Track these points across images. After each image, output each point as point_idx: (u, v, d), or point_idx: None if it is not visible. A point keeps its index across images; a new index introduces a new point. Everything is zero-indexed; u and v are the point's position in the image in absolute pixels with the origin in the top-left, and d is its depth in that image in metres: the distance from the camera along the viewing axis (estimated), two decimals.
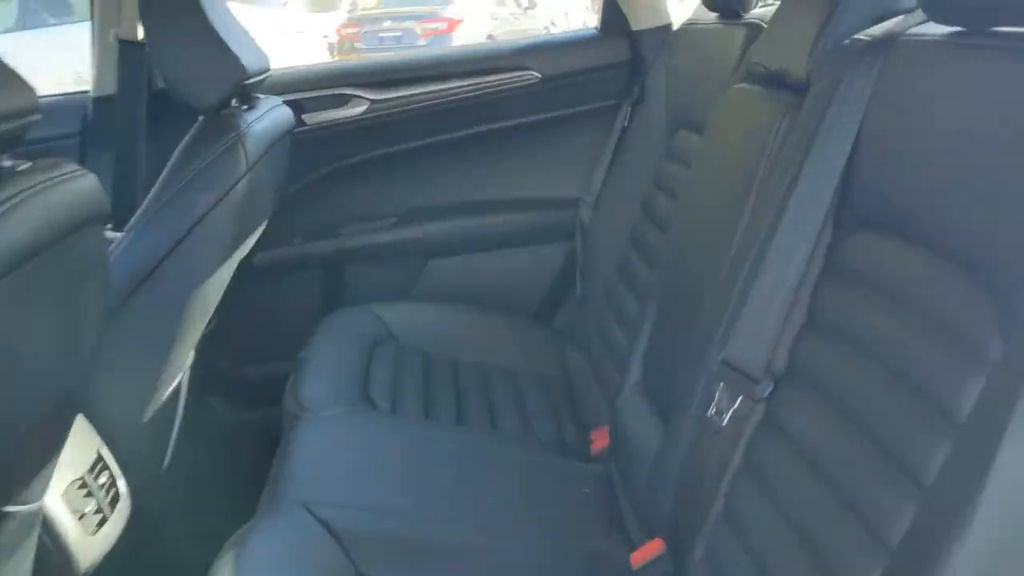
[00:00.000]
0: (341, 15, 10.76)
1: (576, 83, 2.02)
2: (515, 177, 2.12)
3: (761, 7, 1.58)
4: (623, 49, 2.01)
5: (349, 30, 10.03)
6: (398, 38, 9.67)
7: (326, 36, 9.49)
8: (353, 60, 2.43)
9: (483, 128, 2.04)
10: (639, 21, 1.98)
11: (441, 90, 1.99)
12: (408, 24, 9.82)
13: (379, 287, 2.06)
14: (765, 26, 1.43)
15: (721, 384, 1.06)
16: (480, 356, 1.84)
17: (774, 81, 1.24)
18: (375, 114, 1.99)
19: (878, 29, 1.07)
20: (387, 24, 9.92)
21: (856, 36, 1.09)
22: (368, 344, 1.77)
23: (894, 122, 0.93)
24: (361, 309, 1.88)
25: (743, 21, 1.53)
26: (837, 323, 0.94)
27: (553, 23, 10.98)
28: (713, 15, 1.69)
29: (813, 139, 1.04)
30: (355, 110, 1.98)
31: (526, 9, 11.13)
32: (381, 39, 9.77)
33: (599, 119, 2.05)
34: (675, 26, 1.95)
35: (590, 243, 1.96)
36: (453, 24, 9.68)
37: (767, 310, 1.03)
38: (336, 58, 8.66)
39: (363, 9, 10.85)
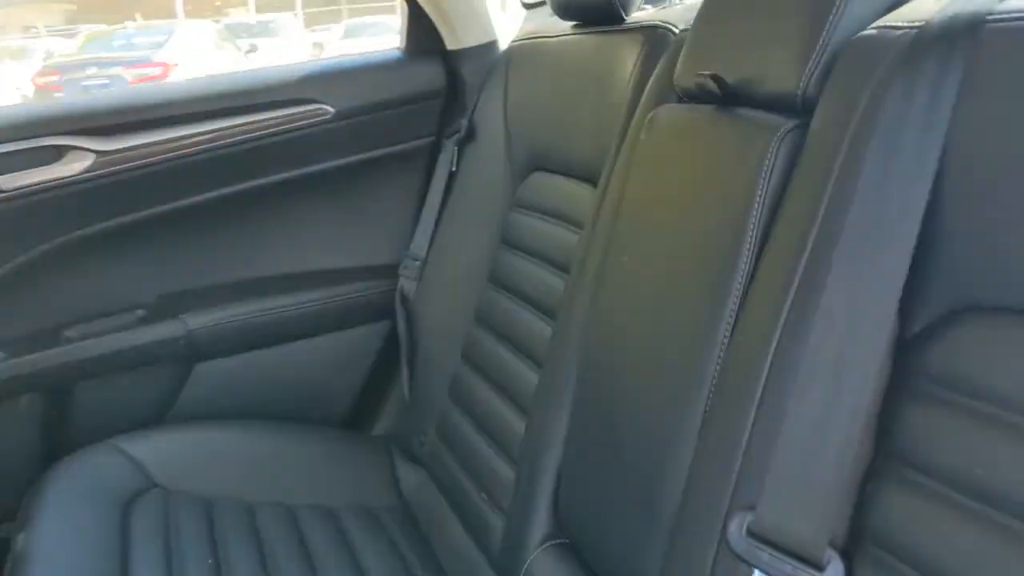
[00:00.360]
0: (36, 63, 10.06)
1: (381, 118, 1.57)
2: (308, 243, 1.63)
3: (641, 9, 1.23)
4: (437, 74, 1.59)
5: (47, 79, 9.47)
6: (105, 86, 9.06)
7: (19, 88, 8.80)
8: (68, 99, 1.82)
9: (260, 182, 1.53)
10: (457, 39, 1.56)
11: (198, 134, 1.46)
12: (115, 70, 9.36)
13: (127, 411, 1.50)
14: (676, 30, 1.07)
15: (755, 572, 0.69)
16: (283, 494, 1.36)
17: (738, 99, 0.86)
18: (104, 171, 1.42)
19: (913, 11, 0.73)
20: (92, 71, 9.44)
21: (882, 24, 0.74)
22: (120, 502, 1.24)
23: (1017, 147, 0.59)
24: (103, 448, 1.35)
25: (629, 26, 1.16)
26: (933, 463, 0.62)
27: None
28: (567, 24, 1.32)
29: (854, 179, 0.68)
30: (74, 166, 1.40)
31: (247, 53, 11.01)
32: (86, 88, 9.13)
33: (416, 163, 1.62)
34: (502, 44, 1.58)
35: (418, 324, 1.51)
36: (168, 69, 9.34)
37: (818, 451, 0.66)
38: None
39: (62, 55, 10.14)
